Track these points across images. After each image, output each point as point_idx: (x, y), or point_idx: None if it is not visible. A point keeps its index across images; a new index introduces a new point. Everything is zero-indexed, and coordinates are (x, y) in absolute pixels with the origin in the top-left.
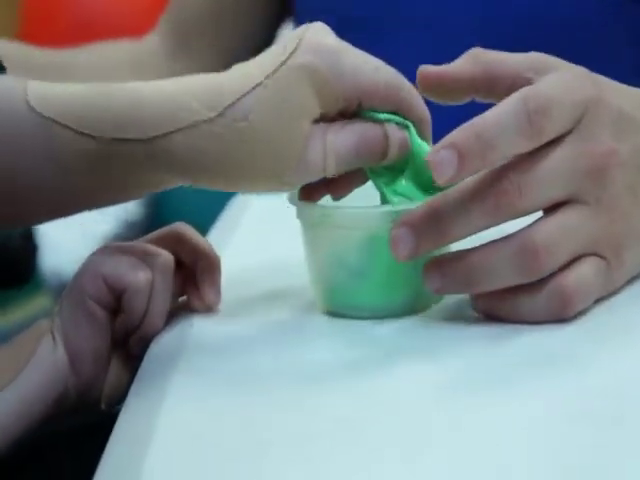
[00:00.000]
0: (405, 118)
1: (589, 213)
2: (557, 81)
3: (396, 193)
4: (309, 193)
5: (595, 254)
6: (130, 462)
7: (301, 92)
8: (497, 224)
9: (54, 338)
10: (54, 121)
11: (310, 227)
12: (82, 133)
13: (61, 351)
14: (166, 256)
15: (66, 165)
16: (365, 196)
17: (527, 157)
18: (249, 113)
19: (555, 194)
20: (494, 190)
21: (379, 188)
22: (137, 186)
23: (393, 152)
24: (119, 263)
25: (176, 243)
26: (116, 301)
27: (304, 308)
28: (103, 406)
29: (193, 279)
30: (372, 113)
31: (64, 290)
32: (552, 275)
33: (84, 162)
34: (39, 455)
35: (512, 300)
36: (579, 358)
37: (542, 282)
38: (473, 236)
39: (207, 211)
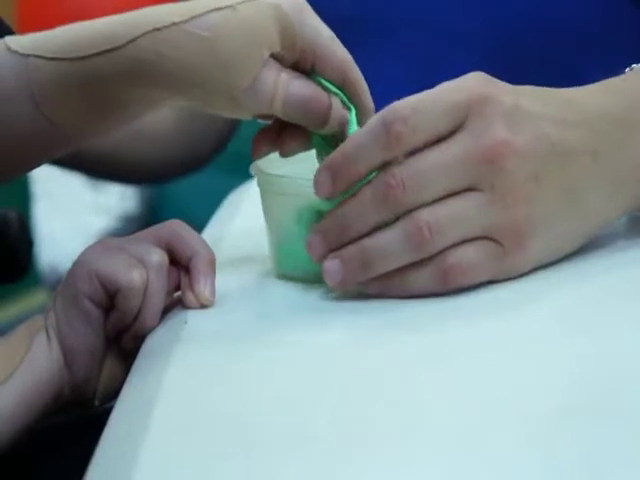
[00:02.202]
0: (350, 100)
1: (482, 199)
2: (429, 91)
3: None
4: (258, 147)
5: (489, 238)
6: (122, 458)
7: (266, 24)
8: (390, 217)
9: (48, 335)
10: (29, 55)
11: (262, 193)
12: (53, 58)
13: (56, 348)
14: (160, 254)
15: (44, 98)
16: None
17: (414, 156)
18: (214, 26)
19: (443, 186)
20: (381, 185)
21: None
22: (113, 108)
23: (333, 124)
24: (113, 261)
25: (170, 240)
26: (110, 299)
27: (300, 304)
28: (97, 402)
29: (188, 275)
30: (324, 81)
31: (59, 286)
32: (439, 252)
33: (60, 89)
34: (32, 450)
35: (400, 276)
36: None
37: (429, 258)
38: None
39: (203, 207)
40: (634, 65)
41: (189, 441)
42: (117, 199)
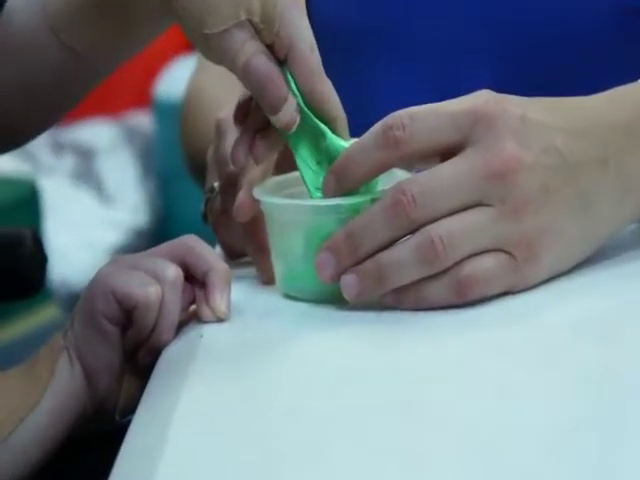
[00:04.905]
0: (316, 115)
1: (493, 214)
2: (432, 105)
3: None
4: (235, 152)
5: (502, 251)
6: (141, 472)
7: None
8: (402, 234)
9: (70, 356)
10: None
11: (266, 219)
12: None
13: (77, 368)
14: (175, 270)
15: (61, 25)
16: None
17: (424, 173)
18: None
19: (453, 203)
20: (392, 202)
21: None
22: (127, 26)
23: (283, 118)
24: (129, 279)
25: (185, 256)
26: (126, 316)
27: (314, 318)
28: (118, 416)
29: (203, 290)
30: (290, 79)
31: (75, 305)
32: (453, 264)
33: (75, 14)
34: (53, 463)
35: (416, 288)
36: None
37: (444, 271)
38: None
39: None
40: None
41: (207, 454)
42: (128, 213)
